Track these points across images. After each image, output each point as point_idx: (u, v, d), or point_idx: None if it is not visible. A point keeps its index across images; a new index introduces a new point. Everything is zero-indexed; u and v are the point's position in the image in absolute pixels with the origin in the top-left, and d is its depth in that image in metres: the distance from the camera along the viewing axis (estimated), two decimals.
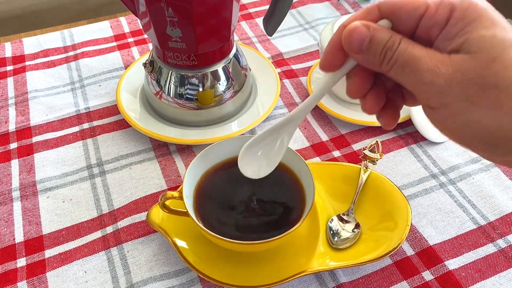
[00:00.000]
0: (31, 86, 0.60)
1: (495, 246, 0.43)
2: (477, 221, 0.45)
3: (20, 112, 0.56)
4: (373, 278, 0.41)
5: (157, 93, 0.52)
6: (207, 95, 0.51)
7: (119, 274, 0.42)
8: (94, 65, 0.62)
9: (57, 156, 0.51)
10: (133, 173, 0.50)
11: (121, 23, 0.70)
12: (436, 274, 0.41)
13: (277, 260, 0.41)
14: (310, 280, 0.41)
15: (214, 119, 0.53)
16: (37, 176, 0.49)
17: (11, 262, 0.42)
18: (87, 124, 0.55)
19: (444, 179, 0.48)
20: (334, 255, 0.41)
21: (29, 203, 0.47)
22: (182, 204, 0.39)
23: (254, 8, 0.73)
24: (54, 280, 0.41)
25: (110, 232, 0.44)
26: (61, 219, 0.46)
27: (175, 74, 0.51)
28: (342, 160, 0.51)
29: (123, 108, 0.54)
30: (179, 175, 0.49)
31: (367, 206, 0.44)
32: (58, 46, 0.66)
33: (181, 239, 0.41)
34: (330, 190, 0.46)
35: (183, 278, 0.41)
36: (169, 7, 0.43)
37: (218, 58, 0.51)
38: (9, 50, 0.65)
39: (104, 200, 0.47)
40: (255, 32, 0.68)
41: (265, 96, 0.56)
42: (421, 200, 0.47)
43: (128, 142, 0.53)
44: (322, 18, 0.70)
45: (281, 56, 0.64)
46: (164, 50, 0.49)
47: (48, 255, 0.43)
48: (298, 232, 0.39)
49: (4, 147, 0.52)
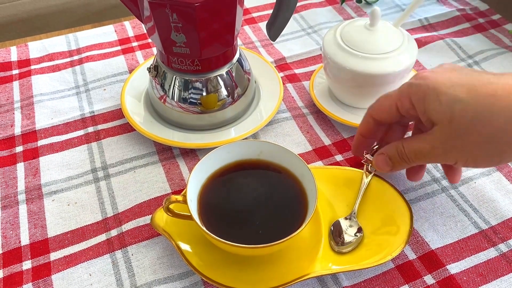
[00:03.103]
0: (36, 90, 0.60)
1: (497, 250, 0.43)
2: (479, 225, 0.45)
3: (25, 115, 0.57)
4: (375, 282, 0.41)
5: (161, 97, 0.53)
6: (211, 100, 0.52)
7: (124, 277, 0.42)
8: (98, 69, 0.63)
9: (62, 159, 0.52)
10: (137, 176, 0.50)
11: (125, 27, 0.70)
12: (438, 278, 0.41)
13: (280, 264, 0.41)
14: (312, 284, 0.41)
15: (218, 123, 0.54)
16: (42, 180, 0.50)
17: (17, 265, 0.43)
18: (91, 127, 0.55)
19: (446, 183, 0.49)
20: (336, 259, 0.41)
21: (34, 206, 0.47)
22: (186, 208, 0.39)
23: (257, 12, 0.73)
24: (59, 282, 0.42)
25: (115, 235, 0.45)
26: (66, 222, 0.46)
27: (179, 78, 0.51)
28: (345, 164, 0.51)
29: (127, 112, 0.54)
30: (183, 179, 0.50)
31: (369, 210, 0.45)
32: (63, 50, 0.66)
33: (185, 242, 0.42)
34: (333, 194, 0.46)
35: (186, 281, 0.42)
36: (173, 12, 0.44)
37: (222, 63, 0.51)
38: (15, 54, 0.65)
39: (109, 203, 0.48)
40: (258, 37, 0.69)
41: (268, 100, 0.56)
42: (423, 204, 0.47)
43: (133, 146, 0.53)
44: (325, 23, 0.71)
45: (284, 61, 0.64)
46: (168, 55, 0.49)
47: (53, 258, 0.43)
48: (301, 236, 0.40)
49: (10, 150, 0.53)
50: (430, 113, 0.35)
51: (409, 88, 0.37)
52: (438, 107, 0.34)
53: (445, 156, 0.36)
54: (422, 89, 0.35)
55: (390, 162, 0.40)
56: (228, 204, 0.42)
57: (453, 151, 0.35)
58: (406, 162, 0.39)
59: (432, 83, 0.35)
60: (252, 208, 0.42)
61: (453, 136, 0.34)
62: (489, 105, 0.33)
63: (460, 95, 0.34)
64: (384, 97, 0.40)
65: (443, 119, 0.34)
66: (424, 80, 0.36)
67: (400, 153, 0.39)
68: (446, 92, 0.34)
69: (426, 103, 0.35)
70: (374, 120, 0.41)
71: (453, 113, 0.34)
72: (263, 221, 0.41)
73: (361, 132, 0.43)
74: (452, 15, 0.72)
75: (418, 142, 0.37)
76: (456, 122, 0.34)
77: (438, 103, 0.34)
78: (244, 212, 0.42)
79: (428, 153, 0.37)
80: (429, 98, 0.35)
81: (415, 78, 0.37)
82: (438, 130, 0.35)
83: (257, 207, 0.42)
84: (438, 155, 0.37)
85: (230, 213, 0.42)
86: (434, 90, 0.34)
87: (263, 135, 0.54)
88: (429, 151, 0.37)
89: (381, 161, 0.41)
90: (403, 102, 0.37)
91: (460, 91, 0.34)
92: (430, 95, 0.35)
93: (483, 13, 0.72)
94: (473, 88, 0.34)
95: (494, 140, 0.34)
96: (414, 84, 0.36)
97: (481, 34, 0.68)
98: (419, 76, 0.37)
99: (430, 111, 0.35)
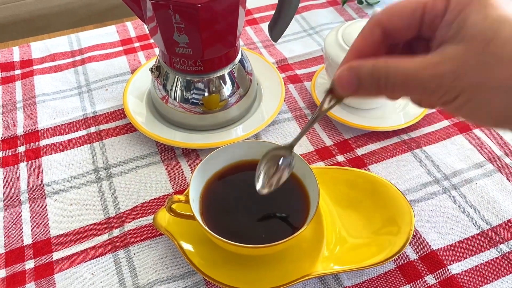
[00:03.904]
0: (38, 90, 0.60)
1: (498, 251, 0.43)
2: (480, 226, 0.45)
3: (28, 115, 0.57)
4: (376, 282, 0.42)
5: (163, 97, 0.53)
6: (213, 100, 0.52)
7: (126, 277, 0.42)
8: (100, 70, 0.63)
9: (64, 159, 0.52)
10: (140, 176, 0.50)
11: (127, 27, 0.71)
12: (439, 278, 0.42)
13: (282, 264, 0.41)
14: (314, 284, 0.42)
15: (219, 124, 0.54)
16: (45, 179, 0.50)
17: (20, 264, 0.43)
18: (94, 128, 0.56)
19: (447, 184, 0.49)
20: (338, 259, 0.41)
21: (37, 205, 0.48)
22: (188, 208, 0.40)
23: (259, 13, 0.73)
24: (62, 282, 0.42)
25: (117, 235, 0.45)
26: (68, 222, 0.46)
27: (181, 79, 0.51)
28: (346, 165, 0.51)
29: (129, 112, 0.54)
30: (185, 179, 0.50)
31: (371, 210, 0.45)
32: (65, 50, 0.66)
33: (187, 242, 0.42)
34: (334, 194, 0.46)
35: (188, 281, 0.42)
36: (176, 13, 0.44)
37: (224, 63, 0.51)
38: (17, 54, 0.66)
39: (111, 203, 0.48)
40: (260, 37, 0.69)
41: (269, 101, 0.57)
42: (424, 205, 0.47)
43: (135, 146, 0.53)
44: (326, 24, 0.71)
45: (285, 61, 0.65)
46: (171, 56, 0.50)
47: (56, 257, 0.44)
48: (303, 236, 0.40)
49: (13, 150, 0.53)
50: (466, 25, 0.25)
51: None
52: (481, 21, 0.25)
53: (450, 86, 0.26)
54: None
55: (357, 82, 0.28)
56: (230, 204, 0.42)
57: (465, 83, 0.26)
58: (381, 88, 0.28)
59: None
60: (254, 208, 0.42)
61: (480, 65, 0.25)
62: None
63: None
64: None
65: (478, 38, 0.25)
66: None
67: (377, 72, 0.27)
68: (498, 6, 0.25)
69: (467, 11, 0.26)
70: (382, 30, 0.29)
71: (497, 34, 0.25)
72: (265, 221, 0.41)
73: (356, 48, 0.29)
74: None
75: (415, 60, 0.26)
76: (493, 47, 0.25)
77: (483, 16, 0.25)
78: (246, 212, 0.42)
79: (428, 79, 0.26)
80: (473, 7, 0.26)
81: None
82: (461, 50, 0.25)
83: (259, 207, 0.42)
84: (441, 84, 0.26)
85: (232, 213, 0.42)
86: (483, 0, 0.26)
87: (265, 136, 0.54)
88: (431, 77, 0.26)
89: (345, 77, 0.29)
90: (437, 2, 0.27)
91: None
92: (475, 5, 0.26)
93: None
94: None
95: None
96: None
97: None
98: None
99: (468, 23, 0.25)
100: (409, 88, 0.27)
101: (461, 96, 0.26)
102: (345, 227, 0.44)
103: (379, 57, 0.28)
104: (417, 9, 0.27)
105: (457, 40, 0.26)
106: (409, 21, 0.28)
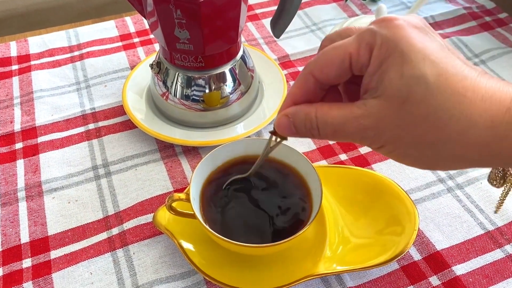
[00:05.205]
0: (36, 85, 0.59)
1: (503, 251, 0.43)
2: (485, 226, 0.45)
3: (25, 112, 0.56)
4: (379, 282, 0.41)
5: (163, 94, 0.52)
6: (214, 97, 0.51)
7: (125, 276, 0.41)
8: (99, 65, 0.62)
9: (62, 156, 0.51)
10: (139, 174, 0.49)
11: (126, 23, 0.70)
12: (443, 279, 0.41)
13: (284, 264, 0.41)
14: (317, 284, 0.41)
15: (220, 121, 0.53)
16: (42, 177, 0.49)
17: (17, 263, 0.42)
18: (92, 124, 0.55)
19: (452, 184, 0.48)
20: (340, 259, 0.41)
21: (34, 203, 0.47)
22: (188, 206, 0.39)
23: (260, 9, 0.73)
24: (59, 281, 0.41)
25: (116, 234, 0.44)
26: (66, 220, 0.46)
27: (182, 75, 0.50)
28: (349, 164, 0.50)
29: (129, 109, 0.54)
30: (185, 177, 0.49)
31: (374, 210, 0.44)
32: (63, 45, 0.65)
33: (187, 241, 0.41)
34: (337, 193, 0.45)
35: (189, 281, 0.41)
36: (177, 8, 0.43)
37: (225, 60, 0.50)
38: (14, 49, 0.65)
39: (110, 201, 0.47)
40: (262, 34, 0.68)
41: (271, 98, 0.56)
42: (429, 205, 0.46)
43: (134, 143, 0.53)
44: (329, 20, 0.70)
45: (287, 58, 0.64)
46: (172, 52, 0.49)
47: (53, 256, 0.43)
48: (305, 235, 0.39)
49: (10, 147, 0.52)
50: (384, 81, 0.26)
51: (372, 37, 0.27)
52: (397, 79, 0.26)
53: (373, 139, 0.28)
54: (389, 45, 0.26)
55: (294, 130, 0.30)
56: (231, 203, 0.42)
57: (386, 137, 0.27)
58: (314, 135, 0.30)
59: (403, 44, 0.26)
60: (255, 207, 0.41)
61: (397, 122, 0.26)
62: (456, 102, 0.25)
63: (429, 76, 0.25)
64: (333, 48, 0.29)
65: (395, 96, 0.26)
66: (394, 33, 0.26)
67: (309, 122, 0.29)
68: (415, 65, 0.26)
69: (386, 65, 0.26)
70: (316, 79, 0.29)
71: (411, 94, 0.26)
72: (267, 220, 0.40)
73: (294, 95, 0.30)
74: (459, 13, 0.71)
75: (341, 112, 0.28)
76: (408, 106, 0.26)
77: (399, 74, 0.26)
78: (248, 211, 0.41)
79: (353, 132, 0.28)
80: (392, 62, 0.26)
81: (383, 24, 0.27)
82: (380, 106, 0.27)
83: (261, 206, 0.41)
84: (364, 137, 0.28)
85: (233, 211, 0.41)
86: (401, 55, 0.26)
87: (267, 133, 0.54)
88: (356, 130, 0.27)
89: (282, 124, 0.31)
90: (361, 54, 0.27)
91: (430, 71, 0.26)
92: (394, 59, 0.26)
93: (489, 11, 0.71)
94: (444, 74, 0.26)
95: (444, 146, 0.27)
96: (379, 34, 0.27)
97: (487, 33, 0.67)
98: (389, 23, 0.27)
99: (386, 80, 0.26)
100: (339, 138, 0.29)
101: (385, 147, 0.28)
102: (348, 227, 0.43)
103: (312, 105, 0.29)
104: (344, 59, 0.28)
105: (378, 93, 0.27)
106: (339, 71, 0.28)
